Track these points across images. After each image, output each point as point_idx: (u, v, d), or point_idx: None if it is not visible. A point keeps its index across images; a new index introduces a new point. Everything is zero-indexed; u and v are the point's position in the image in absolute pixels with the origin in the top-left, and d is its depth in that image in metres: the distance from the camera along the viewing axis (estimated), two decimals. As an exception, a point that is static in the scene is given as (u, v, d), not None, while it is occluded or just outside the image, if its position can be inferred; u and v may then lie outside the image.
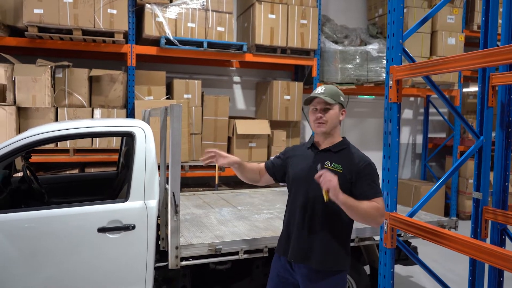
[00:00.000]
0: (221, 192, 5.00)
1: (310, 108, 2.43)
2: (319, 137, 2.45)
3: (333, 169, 2.32)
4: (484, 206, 3.07)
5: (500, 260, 2.02)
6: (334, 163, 2.34)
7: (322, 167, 2.28)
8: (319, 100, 2.36)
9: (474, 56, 2.19)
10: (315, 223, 2.32)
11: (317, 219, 2.32)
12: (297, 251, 2.36)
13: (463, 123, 3.09)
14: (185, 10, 5.58)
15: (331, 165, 2.34)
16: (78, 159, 5.28)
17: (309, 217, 2.35)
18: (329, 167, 2.33)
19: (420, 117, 8.56)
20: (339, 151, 2.39)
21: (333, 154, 2.39)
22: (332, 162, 2.35)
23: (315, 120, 2.38)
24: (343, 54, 6.55)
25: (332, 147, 2.40)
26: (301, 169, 2.44)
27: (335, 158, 2.37)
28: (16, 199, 3.47)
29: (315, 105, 2.39)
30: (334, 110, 2.37)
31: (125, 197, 2.92)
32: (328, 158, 2.37)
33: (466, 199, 7.49)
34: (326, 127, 2.36)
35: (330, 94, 2.36)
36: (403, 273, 4.87)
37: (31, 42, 5.14)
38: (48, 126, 3.01)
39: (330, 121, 2.36)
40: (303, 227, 2.35)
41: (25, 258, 2.68)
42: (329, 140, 2.41)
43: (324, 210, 2.32)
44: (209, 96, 6.02)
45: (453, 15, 7.12)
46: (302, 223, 2.36)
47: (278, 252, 2.51)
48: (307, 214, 2.36)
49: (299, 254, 2.36)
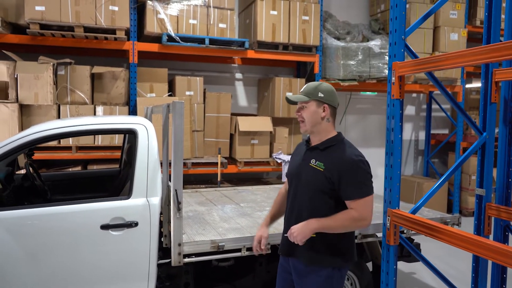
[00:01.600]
0: (223, 189, 5.00)
1: None
2: (312, 135, 2.44)
3: (315, 167, 2.31)
4: (487, 202, 3.05)
5: (503, 257, 2.01)
6: (318, 161, 2.32)
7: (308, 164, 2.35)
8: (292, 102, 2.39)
9: (477, 51, 2.18)
10: (301, 219, 2.31)
11: (304, 215, 2.32)
12: (284, 245, 2.43)
13: (466, 119, 3.08)
14: (187, 6, 5.57)
15: (315, 163, 2.33)
16: (81, 156, 5.29)
17: (296, 213, 2.37)
18: (313, 165, 2.33)
19: (423, 113, 8.54)
20: (327, 148, 2.34)
21: (319, 152, 2.35)
22: (316, 160, 2.33)
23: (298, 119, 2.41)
24: (345, 50, 6.53)
25: (320, 145, 2.37)
26: (294, 166, 2.48)
27: (320, 156, 2.34)
28: (19, 196, 3.48)
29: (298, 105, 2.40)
30: (310, 107, 2.32)
31: (128, 194, 2.92)
32: (314, 156, 2.36)
33: (469, 196, 7.48)
34: (305, 126, 2.36)
35: (305, 92, 2.34)
36: (406, 270, 4.87)
37: (33, 39, 5.14)
38: (51, 124, 3.02)
39: (307, 119, 2.33)
40: (290, 222, 2.38)
41: (28, 255, 2.69)
42: (317, 138, 2.39)
43: (308, 209, 2.32)
44: (211, 93, 6.02)
45: (456, 11, 7.08)
46: (290, 218, 2.41)
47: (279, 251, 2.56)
48: (294, 209, 2.39)
49: (285, 247, 2.42)
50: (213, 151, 5.99)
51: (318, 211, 2.28)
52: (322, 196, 2.29)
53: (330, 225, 2.23)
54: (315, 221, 2.23)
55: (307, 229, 2.22)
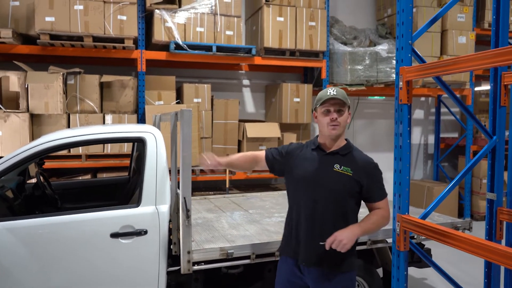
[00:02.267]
0: (232, 195, 5.01)
1: (320, 110, 2.38)
2: (327, 139, 2.42)
3: (343, 172, 2.35)
4: (498, 207, 3.02)
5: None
6: (343, 166, 2.37)
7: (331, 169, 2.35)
8: (334, 101, 2.33)
9: (485, 55, 2.16)
10: (325, 227, 2.32)
11: (327, 223, 2.33)
12: (309, 256, 2.37)
13: (475, 123, 3.05)
14: (194, 14, 5.61)
15: (341, 168, 2.36)
16: (90, 164, 5.34)
17: (319, 222, 2.35)
18: (339, 170, 2.36)
19: (432, 117, 8.48)
20: (346, 154, 2.41)
21: (341, 157, 2.40)
22: (341, 165, 2.37)
23: (330, 122, 2.34)
24: (352, 55, 6.52)
25: (340, 150, 2.41)
26: (309, 171, 2.42)
27: (343, 161, 2.38)
28: (30, 205, 3.52)
29: (329, 107, 2.34)
30: (345, 112, 2.38)
31: (137, 202, 2.94)
32: (337, 161, 2.38)
33: (480, 200, 7.39)
34: (340, 130, 2.37)
35: (342, 96, 2.35)
36: (417, 276, 4.81)
37: (43, 49, 5.22)
38: (61, 133, 3.06)
39: (342, 123, 2.37)
40: (314, 231, 2.35)
41: (39, 263, 2.71)
42: (336, 143, 2.42)
43: (333, 214, 2.34)
44: (218, 100, 6.04)
45: (464, 14, 7.04)
46: (312, 227, 2.36)
47: (284, 253, 2.51)
48: (317, 218, 2.36)
49: (311, 259, 2.36)
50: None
51: (345, 214, 2.35)
52: (348, 200, 2.38)
53: (370, 229, 2.35)
54: (357, 227, 2.29)
55: (353, 235, 2.25)
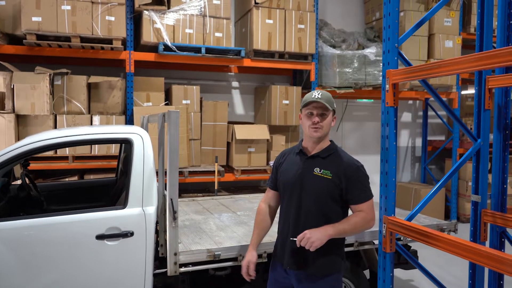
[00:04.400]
0: (220, 197, 4.99)
1: (304, 112, 2.39)
2: (309, 142, 2.43)
3: (322, 175, 2.34)
4: (483, 209, 3.06)
5: (499, 264, 2.01)
6: (323, 169, 2.36)
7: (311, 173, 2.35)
8: (317, 104, 2.34)
9: (470, 59, 2.20)
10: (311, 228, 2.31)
11: (311, 226, 2.31)
12: (292, 260, 2.38)
13: (460, 126, 3.09)
14: (183, 16, 5.60)
15: (320, 171, 2.35)
16: (77, 166, 5.29)
17: (302, 226, 2.35)
18: (318, 173, 2.35)
19: (419, 120, 8.57)
20: (328, 156, 2.40)
21: (321, 160, 2.39)
22: (321, 168, 2.36)
23: (312, 125, 2.35)
24: (341, 58, 6.57)
25: (321, 153, 2.41)
26: (291, 176, 2.44)
27: (324, 164, 2.37)
28: (15, 206, 3.47)
29: (312, 110, 2.36)
30: (329, 116, 2.39)
31: (123, 204, 2.92)
32: (317, 165, 2.38)
33: (466, 202, 7.47)
34: (321, 132, 2.37)
35: (326, 100, 2.35)
36: (403, 277, 4.85)
37: (29, 49, 5.16)
38: (47, 134, 3.02)
39: (325, 127, 2.37)
40: (297, 233, 2.34)
41: (24, 265, 2.68)
42: (317, 146, 2.42)
43: (316, 219, 2.33)
44: (207, 102, 6.03)
45: (450, 18, 7.14)
46: (296, 231, 2.36)
47: (274, 258, 2.54)
48: (300, 222, 2.37)
49: (294, 262, 2.38)
50: (210, 159, 5.99)
51: (328, 218, 2.33)
52: (330, 204, 2.35)
53: (345, 229, 2.30)
54: (331, 227, 2.26)
55: (324, 235, 2.22)
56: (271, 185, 2.63)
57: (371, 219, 2.38)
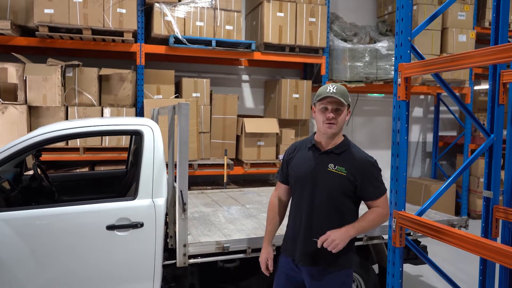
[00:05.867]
0: (229, 190, 5.01)
1: (318, 106, 2.34)
2: (323, 137, 2.39)
3: (337, 171, 2.32)
4: (495, 205, 3.02)
5: (511, 260, 1.99)
6: (337, 166, 2.33)
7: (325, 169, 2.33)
8: (332, 99, 2.29)
9: (485, 52, 2.16)
10: (322, 226, 2.31)
11: (324, 222, 2.31)
12: (306, 255, 2.36)
13: (472, 120, 3.05)
14: (194, 9, 5.59)
15: (335, 168, 2.33)
16: (88, 157, 5.33)
17: (316, 221, 2.33)
18: (332, 169, 2.33)
19: (431, 115, 8.48)
20: (342, 153, 2.36)
21: (336, 156, 2.35)
22: (335, 165, 2.33)
23: (326, 120, 2.30)
24: (352, 52, 6.51)
25: (335, 149, 2.37)
26: (303, 171, 2.41)
27: (338, 160, 2.34)
28: (27, 196, 3.52)
29: (326, 105, 2.30)
30: (344, 111, 2.33)
31: (134, 195, 2.94)
32: (331, 161, 2.35)
33: (477, 198, 7.40)
34: (336, 128, 2.31)
35: (341, 95, 2.29)
36: (412, 272, 4.83)
37: (41, 41, 5.20)
38: (58, 125, 3.05)
39: (340, 123, 2.32)
40: (311, 231, 2.34)
41: (35, 254, 2.71)
42: (331, 141, 2.37)
43: (329, 215, 2.32)
44: (217, 95, 6.03)
45: (464, 12, 7.03)
46: (309, 226, 2.35)
47: (284, 253, 2.52)
48: (313, 217, 2.34)
49: (308, 258, 2.36)
50: (220, 152, 6.00)
51: (340, 214, 2.32)
52: (344, 200, 2.34)
53: (364, 228, 2.32)
54: (351, 228, 2.26)
55: (346, 237, 2.23)
56: (282, 179, 2.60)
57: (387, 214, 2.40)
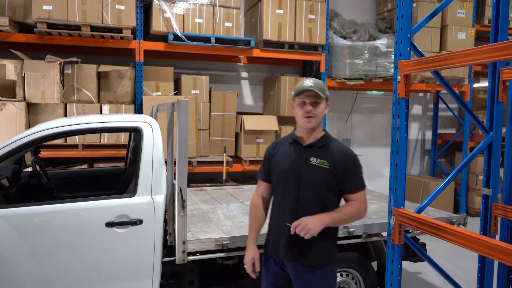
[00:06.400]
0: (228, 187, 5.01)
1: (297, 101, 2.34)
2: (303, 132, 2.39)
3: (319, 165, 2.31)
4: (493, 202, 3.03)
5: (509, 257, 1.99)
6: (319, 159, 2.32)
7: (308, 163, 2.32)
8: (310, 93, 2.30)
9: (484, 50, 2.16)
10: None
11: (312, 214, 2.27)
12: (290, 252, 2.34)
13: (472, 118, 3.05)
14: (193, 5, 5.58)
15: (317, 161, 2.32)
16: (87, 154, 5.33)
17: (301, 216, 2.27)
18: (315, 163, 2.32)
19: (430, 113, 8.48)
20: (324, 146, 2.36)
21: (317, 150, 2.35)
22: (317, 158, 2.33)
23: (305, 114, 2.31)
24: (351, 49, 6.50)
25: (317, 142, 2.37)
26: (286, 167, 2.39)
27: (320, 153, 2.34)
28: (26, 193, 3.52)
29: (304, 98, 2.31)
30: (322, 104, 2.34)
31: (133, 192, 2.93)
32: (313, 154, 2.34)
33: (476, 196, 7.42)
34: (315, 122, 2.33)
35: (319, 88, 2.31)
36: (411, 270, 4.84)
37: (40, 38, 5.18)
38: (57, 122, 3.04)
39: (318, 116, 2.33)
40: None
41: (33, 251, 2.71)
42: (312, 135, 2.37)
43: (315, 208, 2.29)
44: (216, 92, 6.02)
45: (464, 9, 7.02)
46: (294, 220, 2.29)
47: (268, 251, 2.47)
48: (298, 213, 2.30)
49: (293, 254, 2.34)
50: (219, 149, 6.00)
51: (325, 209, 2.30)
52: (328, 194, 2.33)
53: (340, 218, 2.29)
54: (326, 215, 2.23)
55: (320, 222, 2.18)
56: (263, 177, 2.56)
57: (364, 210, 2.37)
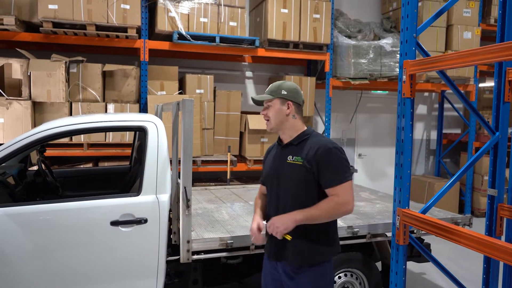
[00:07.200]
0: (233, 187, 5.01)
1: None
2: (282, 134, 2.44)
3: (294, 162, 2.31)
4: (499, 203, 3.01)
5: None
6: (294, 156, 2.33)
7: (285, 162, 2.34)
8: (259, 102, 2.43)
9: (490, 50, 2.15)
10: None
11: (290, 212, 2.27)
12: (274, 250, 2.37)
13: (478, 118, 3.04)
14: (198, 5, 5.58)
15: (292, 158, 2.33)
16: (92, 153, 5.35)
17: (281, 213, 2.29)
18: (290, 161, 2.33)
19: (435, 113, 8.45)
20: (300, 143, 2.36)
21: (294, 147, 2.37)
22: (293, 155, 2.34)
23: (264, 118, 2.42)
24: (356, 49, 6.48)
25: (293, 140, 2.39)
26: (270, 168, 2.46)
27: (295, 150, 2.35)
28: (31, 192, 3.54)
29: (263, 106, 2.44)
30: (274, 105, 2.36)
31: (138, 191, 2.94)
32: (290, 152, 2.36)
33: (481, 196, 7.38)
34: (271, 124, 2.38)
35: (269, 91, 2.39)
36: (416, 270, 4.83)
37: (45, 37, 5.20)
38: (62, 120, 3.05)
39: (272, 117, 2.37)
40: None
41: (39, 249, 2.73)
42: (287, 135, 2.41)
43: (293, 206, 2.27)
44: (221, 91, 6.02)
45: (469, 9, 6.98)
46: None
47: (265, 251, 2.52)
48: (279, 211, 2.32)
49: (275, 252, 2.36)
50: (223, 149, 6.01)
51: (304, 206, 2.24)
52: (305, 190, 2.29)
53: (314, 215, 2.20)
54: (298, 212, 2.19)
55: (289, 220, 2.17)
56: (261, 179, 2.63)
57: (346, 203, 2.22)
